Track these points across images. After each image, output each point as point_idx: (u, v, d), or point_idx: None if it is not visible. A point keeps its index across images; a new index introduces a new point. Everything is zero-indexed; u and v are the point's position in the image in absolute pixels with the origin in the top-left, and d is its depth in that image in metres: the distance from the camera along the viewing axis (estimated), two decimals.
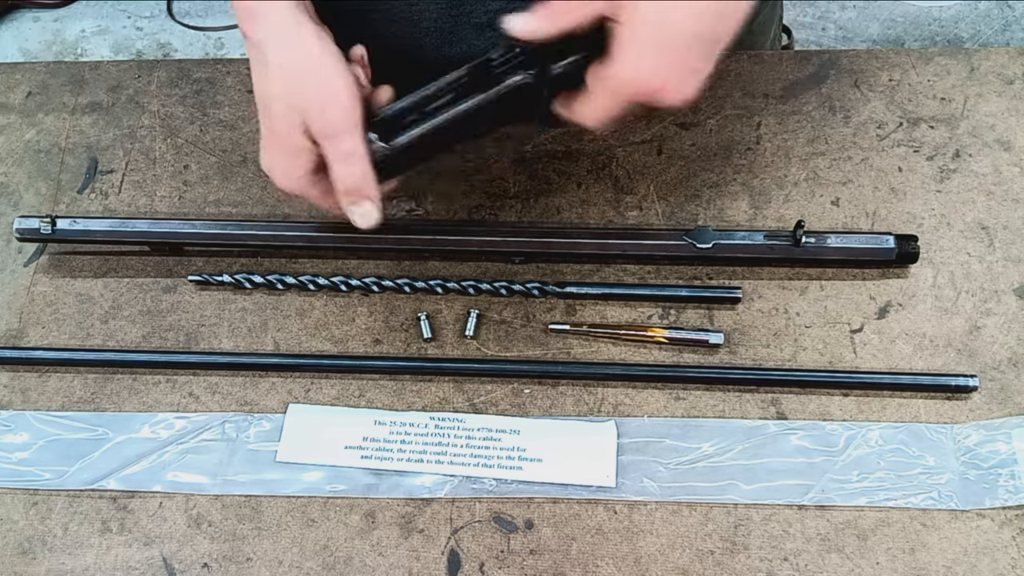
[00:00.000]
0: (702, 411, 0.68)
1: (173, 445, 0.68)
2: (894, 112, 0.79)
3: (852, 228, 0.74)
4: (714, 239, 0.71)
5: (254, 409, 0.69)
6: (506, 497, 0.65)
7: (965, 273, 0.72)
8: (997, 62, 0.81)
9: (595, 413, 0.68)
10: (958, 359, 0.69)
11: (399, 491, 0.66)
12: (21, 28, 2.14)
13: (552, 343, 0.71)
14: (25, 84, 0.86)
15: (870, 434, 0.66)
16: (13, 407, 0.70)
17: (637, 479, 0.65)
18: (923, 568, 0.62)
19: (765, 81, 0.81)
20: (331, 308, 0.73)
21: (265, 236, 0.73)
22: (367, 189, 0.59)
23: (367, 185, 0.59)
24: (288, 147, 0.58)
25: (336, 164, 0.58)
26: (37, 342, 0.73)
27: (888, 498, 0.64)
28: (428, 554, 0.64)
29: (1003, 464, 0.64)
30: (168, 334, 0.73)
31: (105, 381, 0.71)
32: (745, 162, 0.78)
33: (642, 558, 0.63)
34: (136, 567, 0.64)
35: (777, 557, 0.62)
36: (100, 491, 0.67)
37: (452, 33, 0.68)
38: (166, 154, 0.81)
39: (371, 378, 0.70)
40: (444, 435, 0.67)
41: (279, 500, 0.66)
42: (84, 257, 0.77)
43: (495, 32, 0.67)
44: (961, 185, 0.76)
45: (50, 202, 0.80)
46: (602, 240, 0.72)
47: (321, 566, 0.63)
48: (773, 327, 0.71)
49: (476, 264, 0.75)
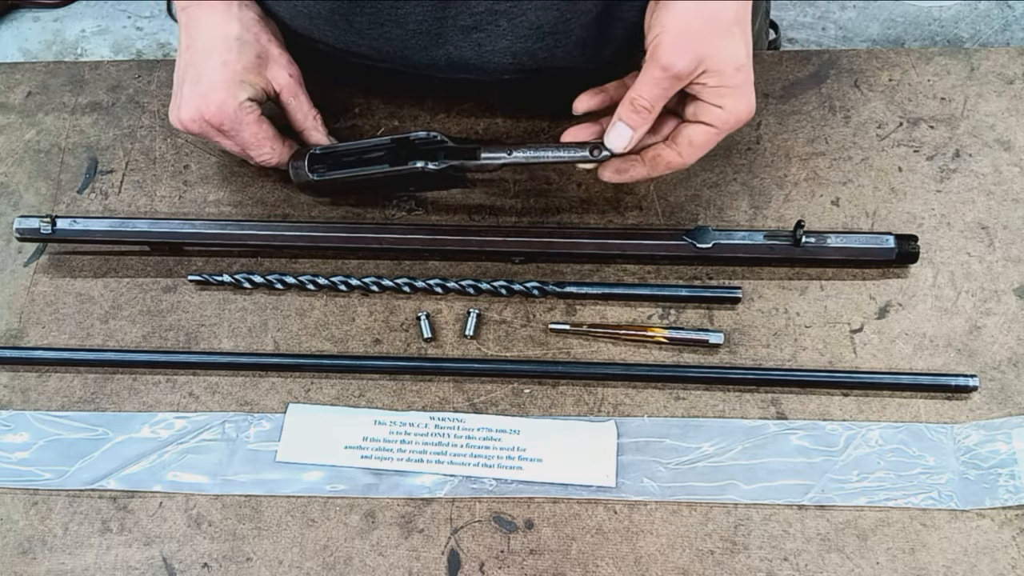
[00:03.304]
0: (702, 411, 0.68)
1: (173, 445, 0.68)
2: (894, 112, 0.79)
3: (852, 228, 0.74)
4: (714, 239, 0.71)
5: (254, 409, 0.69)
6: (506, 497, 0.65)
7: (965, 273, 0.72)
8: (997, 62, 0.81)
9: (595, 413, 0.68)
10: (958, 359, 0.69)
11: (399, 491, 0.66)
12: (21, 28, 2.14)
13: (552, 343, 0.71)
14: (25, 84, 0.86)
15: (870, 434, 0.66)
16: (13, 407, 0.70)
17: (637, 479, 0.65)
18: (923, 568, 0.62)
19: (765, 81, 0.81)
20: (331, 308, 0.73)
21: (265, 236, 0.73)
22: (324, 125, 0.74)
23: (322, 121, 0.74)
24: (239, 82, 0.68)
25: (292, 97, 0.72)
26: (37, 342, 0.73)
27: (888, 498, 0.64)
28: (428, 554, 0.64)
29: (1003, 464, 0.64)
30: (168, 334, 0.73)
31: (105, 381, 0.71)
32: (745, 162, 0.78)
33: (642, 558, 0.63)
34: (136, 567, 0.64)
35: (777, 557, 0.62)
36: (100, 491, 0.67)
37: (438, 35, 0.69)
38: (166, 154, 0.81)
39: (371, 378, 0.70)
40: (444, 435, 0.67)
41: (279, 500, 0.66)
42: (84, 257, 0.77)
43: (481, 34, 0.67)
44: (961, 185, 0.76)
45: (50, 202, 0.80)
46: (602, 240, 0.72)
47: (321, 566, 0.63)
48: (773, 327, 0.71)
49: (476, 264, 0.75)
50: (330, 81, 0.83)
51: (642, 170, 0.67)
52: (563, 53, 0.71)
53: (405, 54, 0.72)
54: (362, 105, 0.83)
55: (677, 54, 0.59)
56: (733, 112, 0.62)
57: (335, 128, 0.81)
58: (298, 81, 0.72)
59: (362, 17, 0.69)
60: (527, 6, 0.66)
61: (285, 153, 0.73)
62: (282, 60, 0.71)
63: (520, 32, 0.68)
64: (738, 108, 0.62)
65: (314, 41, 0.76)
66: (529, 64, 0.72)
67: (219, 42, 0.68)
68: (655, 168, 0.66)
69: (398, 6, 0.67)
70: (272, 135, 0.72)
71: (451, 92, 0.81)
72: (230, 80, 0.68)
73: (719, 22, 0.60)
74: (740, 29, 0.61)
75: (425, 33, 0.69)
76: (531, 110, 0.81)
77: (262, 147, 0.72)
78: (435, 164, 0.70)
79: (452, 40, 0.69)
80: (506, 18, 0.67)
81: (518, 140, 0.76)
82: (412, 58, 0.73)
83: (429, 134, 0.70)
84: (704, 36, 0.59)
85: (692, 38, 0.59)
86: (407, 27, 0.69)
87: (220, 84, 0.68)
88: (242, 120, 0.69)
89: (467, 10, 0.66)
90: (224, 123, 0.69)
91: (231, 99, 0.68)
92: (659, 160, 0.66)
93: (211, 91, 0.68)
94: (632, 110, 0.62)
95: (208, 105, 0.68)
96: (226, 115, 0.68)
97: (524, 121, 0.81)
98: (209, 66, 0.68)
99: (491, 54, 0.70)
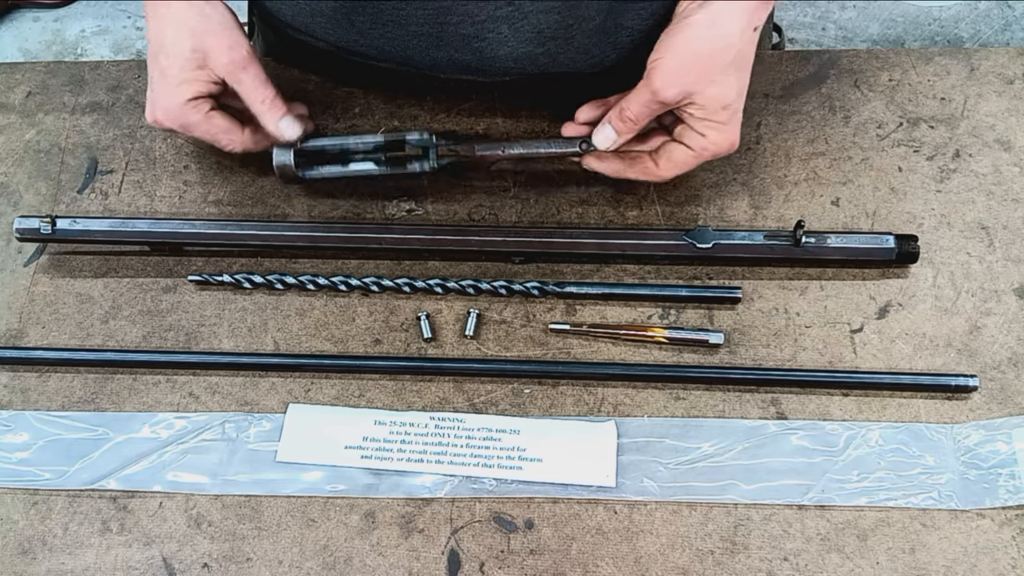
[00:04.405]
0: (702, 411, 0.68)
1: (173, 445, 0.68)
2: (894, 112, 0.79)
3: (852, 228, 0.74)
4: (714, 239, 0.71)
5: (254, 409, 0.69)
6: (506, 497, 0.65)
7: (965, 273, 0.72)
8: (997, 62, 0.81)
9: (595, 413, 0.68)
10: (958, 359, 0.69)
11: (399, 491, 0.66)
12: (21, 28, 2.14)
13: (552, 343, 0.71)
14: (25, 84, 0.86)
15: (870, 434, 0.66)
16: (13, 407, 0.70)
17: (637, 479, 0.65)
18: (923, 568, 0.62)
19: (765, 81, 0.81)
20: (331, 308, 0.73)
21: (265, 236, 0.73)
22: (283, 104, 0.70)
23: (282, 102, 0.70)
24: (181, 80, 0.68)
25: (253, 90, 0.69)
26: (37, 342, 0.73)
27: (888, 498, 0.64)
28: (428, 554, 0.64)
29: (1003, 464, 0.64)
30: (168, 334, 0.73)
31: (105, 381, 0.71)
32: (745, 162, 0.78)
33: (642, 558, 0.63)
34: (136, 567, 0.64)
35: (777, 557, 0.62)
36: (100, 491, 0.67)
37: (439, 37, 0.69)
38: (166, 154, 0.81)
39: (371, 378, 0.70)
40: (444, 435, 0.67)
41: (279, 500, 0.66)
42: (84, 257, 0.77)
43: (482, 41, 0.67)
44: (961, 185, 0.76)
45: (50, 202, 0.80)
46: (602, 240, 0.72)
47: (321, 566, 0.63)
48: (773, 327, 0.71)
49: (476, 264, 0.75)
50: (329, 78, 0.83)
51: (619, 166, 0.71)
52: (565, 59, 0.71)
53: (406, 55, 0.72)
54: (362, 105, 0.83)
55: (668, 83, 0.63)
56: (713, 143, 0.66)
57: (335, 129, 0.81)
58: (241, 64, 0.68)
59: (364, 17, 0.69)
60: (528, 10, 0.66)
61: (248, 139, 0.72)
62: (222, 45, 0.68)
63: (522, 37, 0.68)
64: (718, 141, 0.66)
65: (315, 39, 0.75)
66: (531, 68, 0.72)
67: (158, 45, 0.68)
68: (632, 170, 0.71)
69: (400, 7, 0.67)
70: (226, 127, 0.71)
71: (452, 92, 0.81)
72: (169, 82, 0.68)
73: (716, 62, 0.63)
74: (736, 70, 0.64)
75: (426, 35, 0.69)
76: (532, 108, 0.81)
77: (219, 140, 0.72)
78: (431, 165, 0.71)
79: (453, 43, 0.69)
80: (507, 23, 0.67)
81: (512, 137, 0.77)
82: (413, 59, 0.73)
83: (423, 135, 0.71)
84: (698, 72, 0.63)
85: (686, 72, 0.63)
86: (408, 28, 0.69)
87: (161, 87, 0.69)
88: (189, 119, 0.70)
89: (468, 16, 0.67)
90: (176, 124, 0.70)
91: (173, 100, 0.69)
92: (638, 165, 0.70)
93: (158, 96, 0.70)
94: (619, 118, 0.67)
95: (155, 110, 0.70)
96: (173, 117, 0.69)
97: (524, 121, 0.81)
98: (155, 70, 0.69)
99: (492, 59, 0.70)
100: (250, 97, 0.69)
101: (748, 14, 0.63)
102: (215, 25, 0.68)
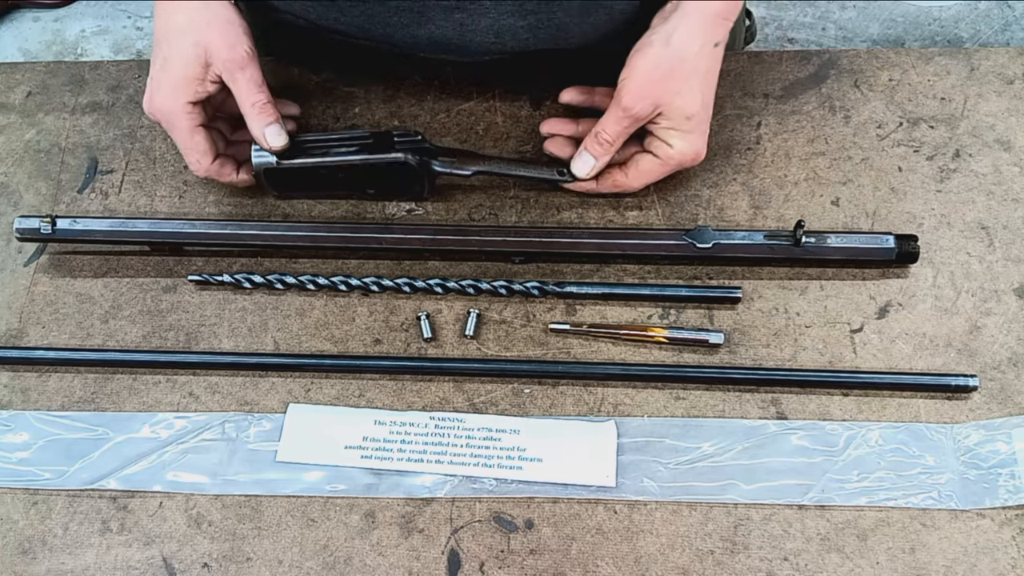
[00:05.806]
0: (702, 411, 0.68)
1: (173, 445, 0.68)
2: (894, 112, 0.79)
3: (852, 228, 0.74)
4: (714, 239, 0.71)
5: (254, 409, 0.69)
6: (506, 497, 0.65)
7: (965, 273, 0.72)
8: (997, 62, 0.81)
9: (595, 413, 0.68)
10: (958, 359, 0.69)
11: (399, 491, 0.66)
12: (21, 28, 2.14)
13: (552, 343, 0.71)
14: (25, 84, 0.86)
15: (870, 434, 0.66)
16: (13, 407, 0.70)
17: (637, 479, 0.65)
18: (923, 568, 0.62)
19: (765, 81, 0.81)
20: (331, 308, 0.73)
21: (265, 236, 0.74)
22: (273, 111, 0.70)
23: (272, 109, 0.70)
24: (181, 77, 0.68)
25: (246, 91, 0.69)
26: (37, 342, 0.73)
27: (888, 498, 0.64)
28: (428, 554, 0.64)
29: (1003, 464, 0.64)
30: (168, 334, 0.73)
31: (105, 381, 0.71)
32: (745, 162, 0.78)
33: (642, 558, 0.63)
34: (136, 567, 0.64)
35: (777, 557, 0.62)
36: (100, 491, 0.67)
37: (420, 13, 0.70)
38: (166, 154, 0.81)
39: (371, 378, 0.70)
40: (444, 435, 0.67)
41: (279, 500, 0.66)
42: (84, 257, 0.77)
43: (463, 15, 0.68)
44: (961, 185, 0.76)
45: (50, 202, 0.80)
46: (602, 240, 0.72)
47: (321, 566, 0.63)
48: (773, 327, 0.71)
49: (476, 264, 0.75)
50: (310, 61, 0.83)
51: (591, 185, 0.74)
52: (546, 35, 0.72)
53: (387, 31, 0.73)
54: (363, 105, 0.83)
55: (637, 99, 0.67)
56: (679, 151, 0.70)
57: (335, 129, 0.81)
58: (239, 64, 0.68)
59: None
60: None
61: (214, 169, 0.72)
62: (223, 42, 0.68)
63: (503, 9, 0.69)
64: (684, 150, 0.70)
65: (295, 17, 0.75)
66: (512, 45, 0.72)
67: (163, 35, 0.69)
68: (603, 186, 0.74)
69: None
70: (203, 149, 0.71)
71: (431, 72, 0.81)
72: (170, 75, 0.69)
73: (679, 75, 0.66)
74: (699, 82, 0.67)
75: (407, 11, 0.70)
76: (532, 109, 0.81)
77: (188, 156, 0.72)
78: (414, 157, 0.72)
79: (434, 18, 0.70)
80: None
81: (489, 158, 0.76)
82: (394, 36, 0.73)
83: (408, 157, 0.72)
84: (664, 85, 0.67)
85: (653, 87, 0.67)
86: (389, 4, 0.70)
87: (162, 79, 0.69)
88: (177, 123, 0.70)
89: None
90: (164, 121, 0.71)
91: (171, 100, 0.69)
92: (608, 179, 0.74)
93: (157, 87, 0.70)
94: (596, 143, 0.70)
95: (152, 100, 0.70)
96: (164, 114, 0.70)
97: (524, 122, 0.81)
98: (158, 59, 0.70)
99: (473, 33, 0.71)
100: (242, 98, 0.70)
101: (703, 32, 0.66)
102: (219, 21, 0.69)
